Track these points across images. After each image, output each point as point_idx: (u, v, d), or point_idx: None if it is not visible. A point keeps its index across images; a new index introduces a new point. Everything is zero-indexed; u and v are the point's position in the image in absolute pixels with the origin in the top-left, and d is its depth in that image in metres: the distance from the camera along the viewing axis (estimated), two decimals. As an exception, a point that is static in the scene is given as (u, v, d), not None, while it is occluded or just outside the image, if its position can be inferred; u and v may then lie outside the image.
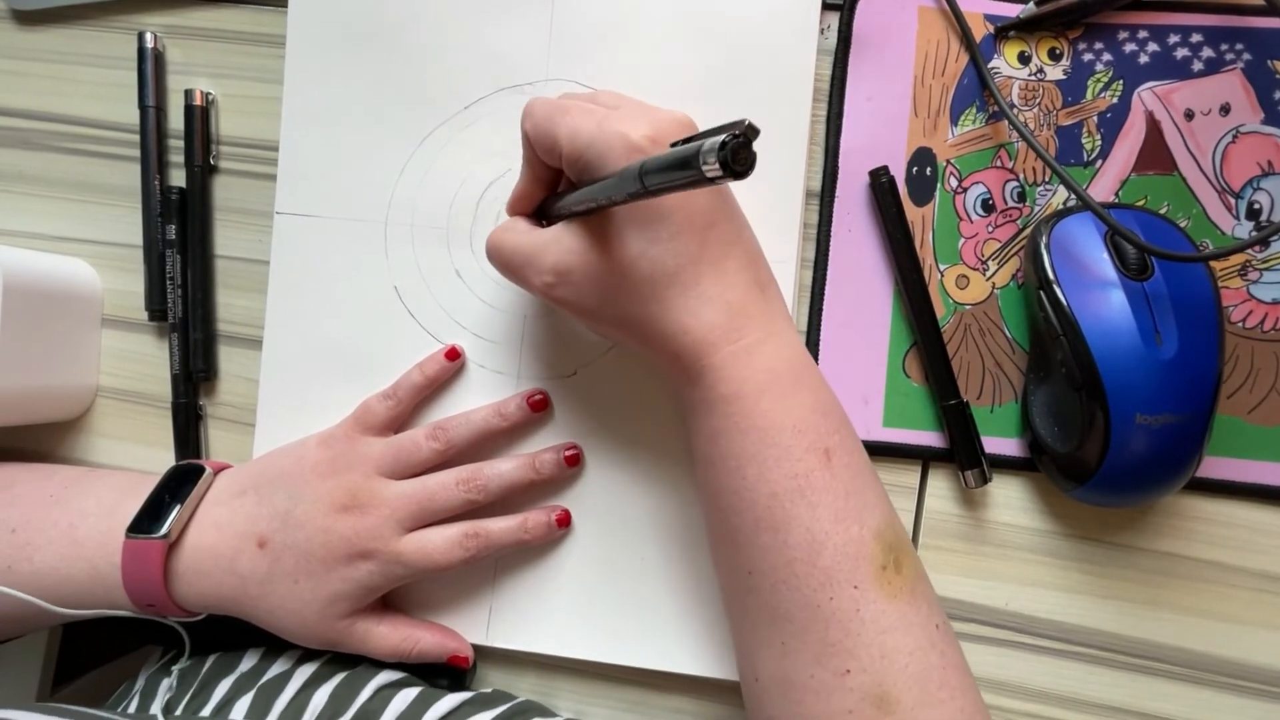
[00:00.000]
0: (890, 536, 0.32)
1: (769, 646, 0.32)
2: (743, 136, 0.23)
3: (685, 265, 0.32)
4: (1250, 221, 0.39)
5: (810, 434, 0.32)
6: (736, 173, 0.23)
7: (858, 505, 0.32)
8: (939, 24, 0.41)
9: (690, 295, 0.32)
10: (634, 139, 0.31)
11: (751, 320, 0.33)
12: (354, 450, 0.39)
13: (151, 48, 0.44)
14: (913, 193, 0.41)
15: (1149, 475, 0.37)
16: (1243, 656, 0.40)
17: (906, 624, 0.31)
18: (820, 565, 0.31)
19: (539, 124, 0.34)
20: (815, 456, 0.32)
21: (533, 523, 0.40)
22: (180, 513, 0.38)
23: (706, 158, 0.23)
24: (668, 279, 0.32)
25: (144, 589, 0.37)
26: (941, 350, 0.40)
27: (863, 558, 0.31)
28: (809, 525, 0.31)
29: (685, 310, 0.32)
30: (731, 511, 0.33)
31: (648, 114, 0.33)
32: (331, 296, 0.42)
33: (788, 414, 0.32)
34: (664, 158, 0.26)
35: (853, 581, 0.31)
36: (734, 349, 0.32)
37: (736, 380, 0.32)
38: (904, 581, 0.31)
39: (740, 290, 0.33)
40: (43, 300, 0.42)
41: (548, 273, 0.33)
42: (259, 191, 0.44)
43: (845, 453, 0.33)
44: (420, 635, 0.40)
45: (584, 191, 0.32)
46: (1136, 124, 0.40)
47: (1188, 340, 0.36)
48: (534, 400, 0.41)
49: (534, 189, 0.36)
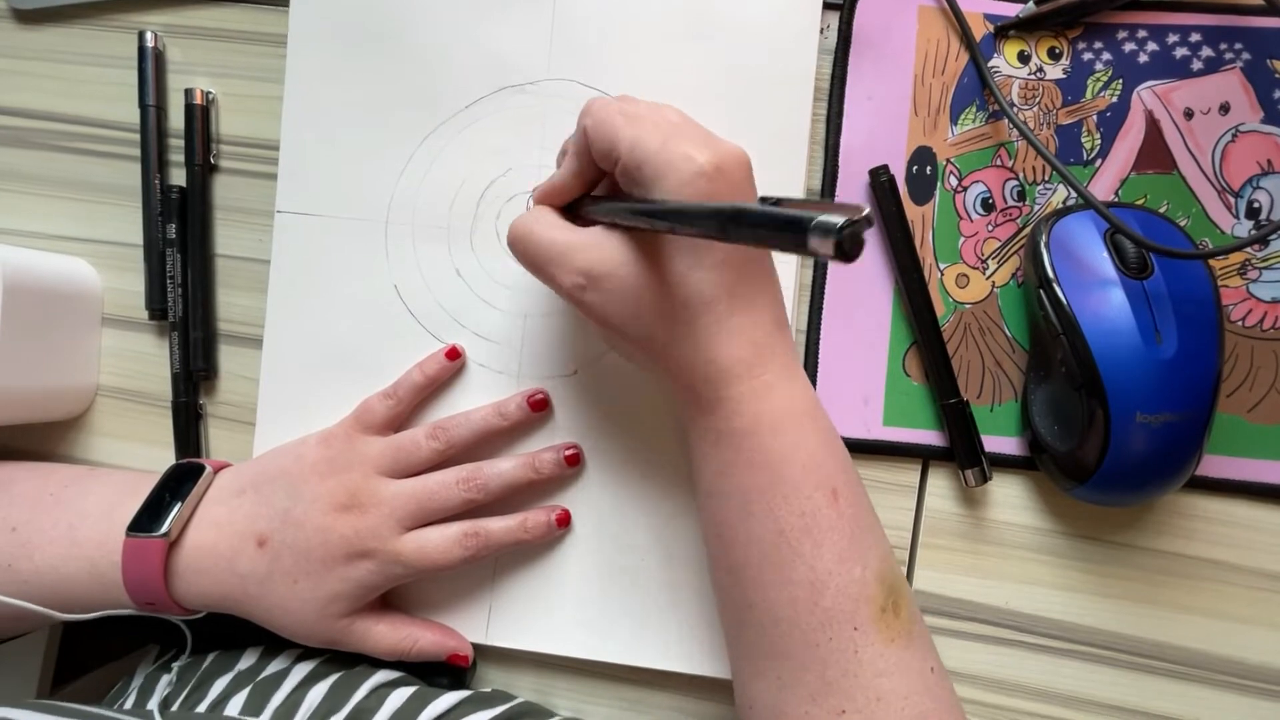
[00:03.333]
0: (891, 578, 0.32)
1: (765, 679, 0.32)
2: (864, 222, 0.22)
3: (722, 296, 0.32)
4: (1250, 220, 0.40)
5: (818, 473, 0.32)
6: (848, 256, 0.22)
7: (861, 546, 0.32)
8: (939, 23, 0.41)
9: (722, 326, 0.32)
10: (700, 163, 0.31)
11: (773, 358, 0.33)
12: (354, 449, 0.39)
13: (152, 47, 0.44)
14: (913, 192, 0.41)
15: (1149, 474, 0.37)
16: (1242, 655, 0.40)
17: (903, 668, 0.31)
18: (821, 605, 0.31)
19: (601, 124, 0.33)
20: (823, 495, 0.32)
21: (532, 522, 0.40)
22: (180, 512, 0.38)
23: (821, 233, 0.22)
24: (704, 306, 0.32)
25: (144, 588, 0.37)
26: (941, 349, 0.40)
27: (864, 599, 0.31)
28: (813, 564, 0.31)
29: (714, 340, 0.32)
30: (735, 546, 0.33)
31: (711, 141, 0.32)
32: (332, 295, 0.42)
33: (798, 451, 0.32)
34: (766, 215, 0.25)
35: (853, 623, 0.31)
36: (754, 384, 0.32)
37: (752, 415, 0.32)
38: (902, 624, 0.31)
39: (765, 328, 0.33)
40: (43, 299, 0.42)
41: (579, 274, 0.33)
42: (259, 190, 0.44)
43: (851, 493, 0.33)
44: (420, 634, 0.40)
45: (638, 207, 0.31)
46: (1136, 123, 0.40)
47: (1187, 339, 0.36)
48: (534, 400, 0.41)
49: (575, 185, 0.35)
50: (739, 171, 0.32)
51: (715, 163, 0.31)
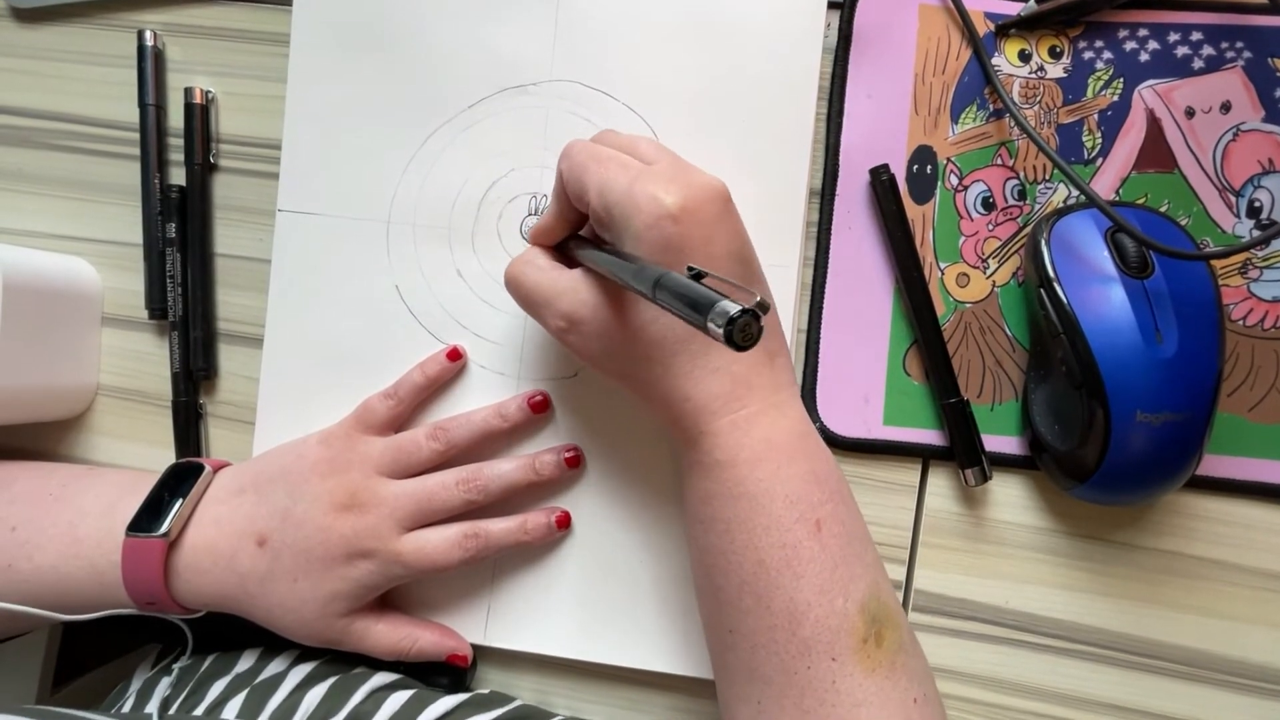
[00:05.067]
0: (874, 608, 0.32)
1: (746, 703, 0.33)
2: (753, 313, 0.24)
3: (696, 334, 0.32)
4: (1251, 219, 0.39)
5: (802, 504, 0.32)
6: (738, 346, 0.23)
7: (844, 577, 0.32)
8: (940, 21, 0.40)
9: (697, 364, 0.32)
10: (665, 204, 0.31)
11: (754, 391, 0.33)
12: (354, 449, 0.39)
13: (151, 45, 0.44)
14: (913, 191, 0.41)
15: (1149, 473, 0.37)
16: (1243, 654, 0.40)
17: (883, 698, 0.31)
18: (799, 635, 0.31)
19: (573, 169, 0.34)
20: (805, 528, 0.32)
21: (532, 524, 0.40)
22: (180, 511, 0.38)
23: (716, 319, 0.24)
24: (678, 345, 0.32)
25: (144, 587, 0.37)
26: (942, 348, 0.40)
27: (844, 630, 0.31)
28: (792, 595, 0.31)
29: (689, 378, 0.32)
30: (717, 571, 0.33)
31: (683, 176, 0.32)
32: (333, 295, 0.42)
33: (781, 484, 0.32)
34: (680, 288, 0.26)
35: (831, 653, 0.31)
36: (733, 418, 0.32)
37: (732, 448, 0.32)
38: (884, 655, 0.31)
39: (747, 361, 0.33)
40: (43, 299, 0.42)
41: (561, 318, 0.34)
42: (259, 190, 0.44)
43: (837, 523, 0.33)
44: (419, 634, 0.40)
45: (604, 259, 0.32)
46: (1137, 122, 0.40)
47: (1188, 338, 0.36)
48: (535, 402, 0.41)
49: (560, 226, 0.36)
50: (710, 208, 0.32)
51: (682, 204, 0.31)
